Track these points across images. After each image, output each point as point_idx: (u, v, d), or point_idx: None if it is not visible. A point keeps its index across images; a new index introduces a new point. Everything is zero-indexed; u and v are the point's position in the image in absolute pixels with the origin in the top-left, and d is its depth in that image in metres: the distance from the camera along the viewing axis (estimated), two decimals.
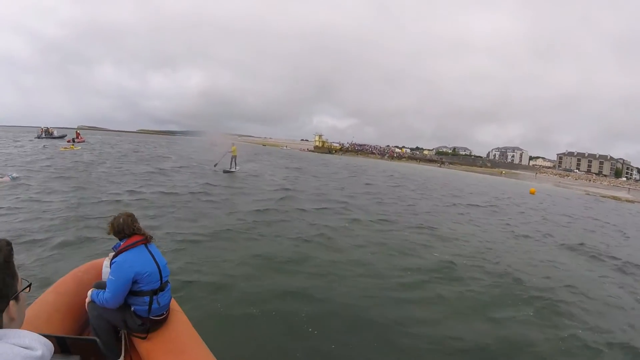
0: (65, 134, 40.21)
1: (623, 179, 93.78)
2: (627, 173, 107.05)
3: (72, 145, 26.82)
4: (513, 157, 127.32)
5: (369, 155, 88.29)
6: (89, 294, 2.36)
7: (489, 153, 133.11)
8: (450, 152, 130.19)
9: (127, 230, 2.32)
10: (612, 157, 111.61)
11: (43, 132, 39.63)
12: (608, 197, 36.00)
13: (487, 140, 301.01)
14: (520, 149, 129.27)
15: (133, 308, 2.28)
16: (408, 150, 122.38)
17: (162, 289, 2.35)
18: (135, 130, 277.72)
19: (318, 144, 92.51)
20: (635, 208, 25.96)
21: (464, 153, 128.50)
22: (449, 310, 4.38)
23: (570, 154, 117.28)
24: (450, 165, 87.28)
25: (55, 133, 40.35)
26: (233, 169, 17.44)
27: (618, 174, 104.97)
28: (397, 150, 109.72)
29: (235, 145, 18.50)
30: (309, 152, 79.44)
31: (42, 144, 28.65)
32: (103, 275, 2.68)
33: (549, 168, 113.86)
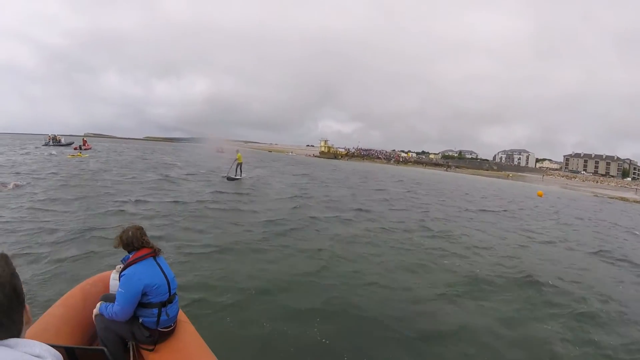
0: (73, 142, 41.28)
1: (629, 180, 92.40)
2: (634, 173, 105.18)
3: (79, 153, 26.95)
4: (519, 159, 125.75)
5: (375, 160, 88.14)
6: (97, 307, 2.36)
7: (495, 156, 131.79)
8: (457, 155, 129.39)
9: (136, 244, 2.33)
10: (618, 157, 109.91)
11: (51, 139, 40.38)
12: (616, 198, 35.47)
13: (493, 142, 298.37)
14: (527, 151, 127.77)
15: (141, 320, 2.28)
16: (414, 155, 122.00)
17: (170, 301, 2.35)
18: (142, 138, 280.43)
19: (324, 150, 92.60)
20: None
21: (470, 156, 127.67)
22: (478, 323, 4.04)
23: (577, 155, 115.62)
24: (457, 169, 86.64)
25: (63, 140, 41.24)
26: (238, 177, 17.12)
27: (625, 175, 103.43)
28: (403, 155, 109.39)
29: (241, 152, 18.19)
30: (315, 157, 79.33)
31: (48, 152, 28.81)
32: (111, 288, 2.65)
33: (556, 170, 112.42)
